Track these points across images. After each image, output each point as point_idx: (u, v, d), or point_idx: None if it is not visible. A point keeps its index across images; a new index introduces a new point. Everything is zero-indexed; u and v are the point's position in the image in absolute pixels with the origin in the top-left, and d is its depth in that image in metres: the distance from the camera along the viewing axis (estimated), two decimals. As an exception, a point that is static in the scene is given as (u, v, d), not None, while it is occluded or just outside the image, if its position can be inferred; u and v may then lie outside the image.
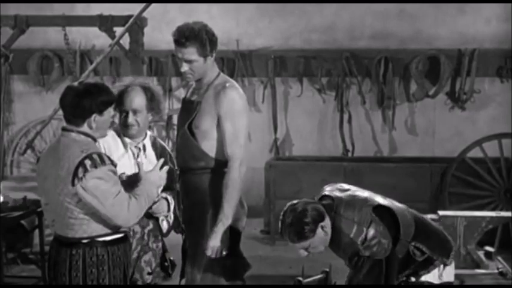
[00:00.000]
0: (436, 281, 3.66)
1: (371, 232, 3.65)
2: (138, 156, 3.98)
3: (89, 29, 7.60)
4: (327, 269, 5.23)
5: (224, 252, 4.00)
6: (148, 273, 4.06)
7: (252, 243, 7.63)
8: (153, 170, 3.64)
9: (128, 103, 3.95)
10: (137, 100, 3.96)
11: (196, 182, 4.03)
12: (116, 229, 3.51)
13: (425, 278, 3.65)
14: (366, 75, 8.62)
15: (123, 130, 3.98)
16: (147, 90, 4.01)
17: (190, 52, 3.99)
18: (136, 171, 3.79)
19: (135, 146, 3.97)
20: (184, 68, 4.00)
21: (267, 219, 7.79)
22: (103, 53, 6.62)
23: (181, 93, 8.94)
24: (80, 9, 8.46)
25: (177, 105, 8.90)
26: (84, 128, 3.46)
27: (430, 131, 8.68)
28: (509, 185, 7.66)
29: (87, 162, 3.35)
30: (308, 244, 3.69)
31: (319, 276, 5.18)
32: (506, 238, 6.56)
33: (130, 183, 3.66)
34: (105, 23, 6.34)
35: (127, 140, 3.96)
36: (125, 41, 6.67)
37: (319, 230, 3.69)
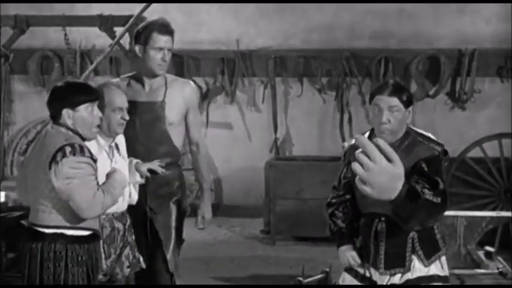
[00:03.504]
0: (441, 273, 3.67)
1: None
2: (113, 155, 4.05)
3: (89, 29, 7.61)
4: (327, 269, 5.25)
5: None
6: (127, 267, 4.17)
7: (252, 243, 7.65)
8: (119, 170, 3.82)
9: (123, 101, 4.02)
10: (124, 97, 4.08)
11: (165, 177, 4.29)
12: (81, 222, 3.58)
13: (432, 271, 3.65)
14: (366, 75, 8.61)
15: (118, 128, 4.02)
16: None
17: (172, 40, 4.24)
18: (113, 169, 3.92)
19: (109, 146, 4.03)
20: (168, 57, 4.20)
21: (267, 219, 7.78)
22: (103, 53, 6.62)
23: (181, 93, 8.94)
24: (80, 9, 8.46)
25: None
26: (65, 123, 3.58)
27: (430, 131, 8.59)
28: (509, 185, 7.66)
29: (67, 149, 3.47)
30: (397, 107, 3.53)
31: (319, 276, 5.20)
32: (507, 238, 6.57)
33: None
34: (105, 23, 6.34)
35: (101, 140, 4.00)
36: (125, 41, 6.67)
37: (409, 109, 3.61)
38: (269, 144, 8.74)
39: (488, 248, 5.43)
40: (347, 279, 3.82)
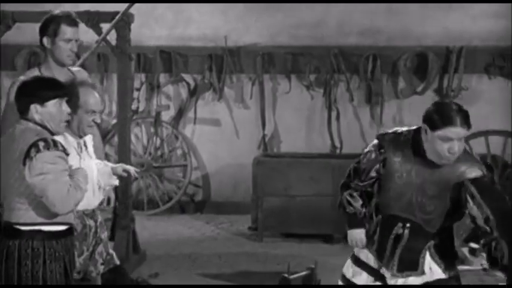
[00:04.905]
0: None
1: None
2: (81, 151, 4.09)
3: (77, 25, 7.57)
4: (313, 266, 5.27)
5: None
6: (101, 264, 4.21)
7: (240, 240, 7.66)
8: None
9: (97, 103, 4.07)
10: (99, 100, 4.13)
11: None
12: (57, 217, 3.59)
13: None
14: (354, 72, 8.62)
15: (87, 129, 4.07)
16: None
17: (78, 32, 4.54)
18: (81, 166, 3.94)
19: (77, 143, 4.05)
20: (76, 47, 4.47)
21: (254, 215, 7.76)
22: (90, 49, 6.60)
23: (169, 89, 8.94)
24: (68, 6, 8.43)
25: (165, 102, 8.92)
26: (33, 118, 3.60)
27: (418, 128, 8.69)
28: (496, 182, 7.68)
29: (41, 144, 3.49)
30: (465, 136, 3.48)
31: (304, 272, 5.21)
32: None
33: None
34: (92, 19, 6.33)
35: (69, 137, 4.03)
36: (112, 37, 6.65)
37: None
38: (257, 141, 8.73)
39: (473, 245, 5.45)
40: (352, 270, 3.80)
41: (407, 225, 3.62)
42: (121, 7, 6.52)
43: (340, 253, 6.86)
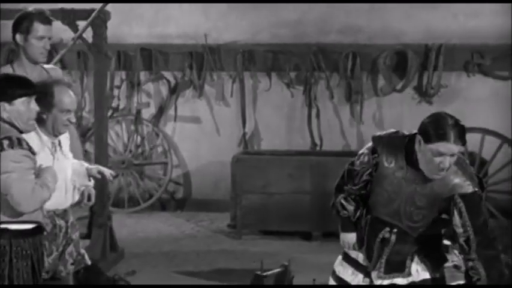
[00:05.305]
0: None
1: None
2: (55, 151, 4.06)
3: (56, 23, 7.52)
4: (286, 263, 5.28)
5: None
6: (71, 264, 4.21)
7: (219, 238, 7.67)
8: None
9: (72, 103, 4.07)
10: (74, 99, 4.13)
11: None
12: (24, 215, 3.57)
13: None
14: (334, 70, 8.63)
15: (62, 129, 4.05)
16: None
17: (52, 29, 4.62)
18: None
19: (52, 143, 4.03)
20: (48, 45, 4.54)
21: (233, 213, 7.78)
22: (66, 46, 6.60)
23: (149, 87, 8.93)
24: (42, 4, 8.39)
25: (146, 100, 8.92)
26: (1, 116, 3.58)
27: (398, 125, 8.67)
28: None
29: (5, 142, 3.47)
30: (459, 151, 3.40)
31: (278, 269, 5.23)
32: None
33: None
34: (68, 17, 6.32)
35: (44, 137, 4.01)
36: (89, 35, 6.64)
37: None
38: (238, 139, 8.74)
39: (445, 242, 5.47)
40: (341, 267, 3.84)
41: (394, 230, 3.63)
42: (98, 5, 6.51)
43: (318, 250, 6.93)
